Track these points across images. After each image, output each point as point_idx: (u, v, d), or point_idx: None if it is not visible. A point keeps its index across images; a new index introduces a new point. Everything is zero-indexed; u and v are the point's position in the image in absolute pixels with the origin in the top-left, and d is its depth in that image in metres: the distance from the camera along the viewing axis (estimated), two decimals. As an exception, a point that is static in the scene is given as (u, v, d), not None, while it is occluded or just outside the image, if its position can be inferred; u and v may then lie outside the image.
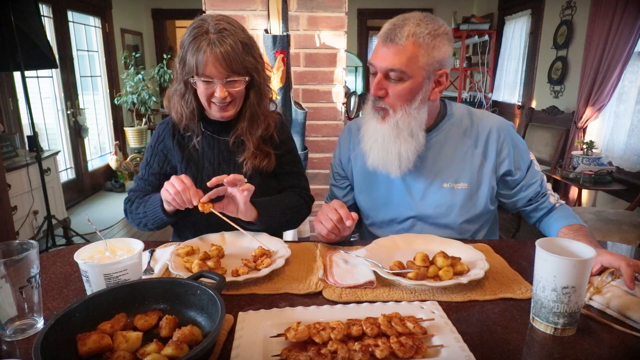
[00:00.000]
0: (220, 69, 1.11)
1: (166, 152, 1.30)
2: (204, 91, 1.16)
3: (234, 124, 1.27)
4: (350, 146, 1.34)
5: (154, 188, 1.29)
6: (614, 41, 3.06)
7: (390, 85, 1.10)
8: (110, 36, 5.26)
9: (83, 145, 4.78)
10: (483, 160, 1.21)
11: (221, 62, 1.10)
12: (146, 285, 0.79)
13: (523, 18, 4.64)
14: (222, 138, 1.29)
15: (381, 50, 1.08)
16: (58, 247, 3.28)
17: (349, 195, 1.37)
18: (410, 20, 1.06)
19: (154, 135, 1.33)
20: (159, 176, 1.29)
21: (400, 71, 1.06)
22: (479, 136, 1.21)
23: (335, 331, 0.70)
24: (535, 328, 0.77)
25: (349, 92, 4.25)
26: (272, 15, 2.20)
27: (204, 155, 1.28)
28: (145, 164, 1.32)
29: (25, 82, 2.95)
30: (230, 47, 1.10)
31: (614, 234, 2.44)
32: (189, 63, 1.12)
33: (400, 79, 1.08)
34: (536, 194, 1.23)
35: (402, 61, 1.05)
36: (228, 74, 1.13)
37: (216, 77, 1.12)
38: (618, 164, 3.18)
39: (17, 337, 0.75)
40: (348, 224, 1.08)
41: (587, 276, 0.74)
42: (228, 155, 1.29)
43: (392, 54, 1.06)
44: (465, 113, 1.24)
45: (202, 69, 1.11)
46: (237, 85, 1.16)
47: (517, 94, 4.82)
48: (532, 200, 1.24)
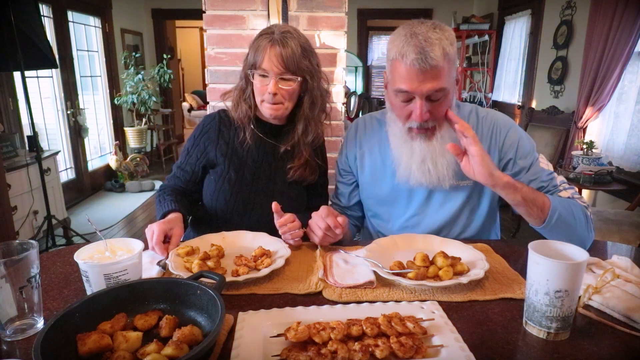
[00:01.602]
0: (276, 64, 1.18)
1: (207, 145, 1.32)
2: (259, 86, 1.22)
3: (287, 131, 1.32)
4: (358, 144, 1.34)
5: (188, 178, 1.33)
6: (614, 41, 3.06)
7: (433, 106, 1.09)
8: (110, 36, 5.26)
9: (83, 145, 4.78)
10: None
11: (278, 57, 1.18)
12: (146, 285, 0.79)
13: (523, 18, 4.64)
14: (270, 141, 1.33)
15: (417, 75, 1.03)
16: (58, 247, 3.28)
17: (354, 191, 1.38)
18: (432, 38, 1.02)
19: (198, 127, 1.36)
20: (194, 167, 1.33)
21: (442, 89, 1.06)
22: (483, 132, 1.21)
23: (335, 331, 0.70)
24: (528, 332, 0.77)
25: (349, 92, 4.25)
26: (272, 15, 2.20)
27: (249, 153, 1.31)
28: (185, 153, 1.35)
29: (25, 82, 2.94)
30: (290, 47, 1.19)
31: (614, 234, 2.44)
32: (250, 57, 1.23)
33: (442, 96, 1.08)
34: (539, 189, 1.16)
35: (443, 80, 1.05)
36: (282, 70, 1.19)
37: (271, 71, 1.19)
38: (618, 164, 3.18)
39: (17, 337, 0.75)
40: (337, 232, 1.09)
41: (581, 280, 0.73)
42: (272, 160, 1.33)
43: (433, 77, 1.03)
44: (472, 111, 1.25)
45: (260, 63, 1.19)
46: (289, 84, 1.21)
47: (517, 94, 4.82)
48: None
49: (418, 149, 1.15)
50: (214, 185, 1.30)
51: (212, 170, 1.32)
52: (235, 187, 1.29)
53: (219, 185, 1.30)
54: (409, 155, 1.17)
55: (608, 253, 1.14)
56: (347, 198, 1.38)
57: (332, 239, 1.12)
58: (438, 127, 1.13)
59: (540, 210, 1.04)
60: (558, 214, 1.04)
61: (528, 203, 1.03)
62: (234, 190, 1.29)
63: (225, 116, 1.35)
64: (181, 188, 1.33)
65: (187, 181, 1.33)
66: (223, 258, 1.04)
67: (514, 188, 1.02)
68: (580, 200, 1.14)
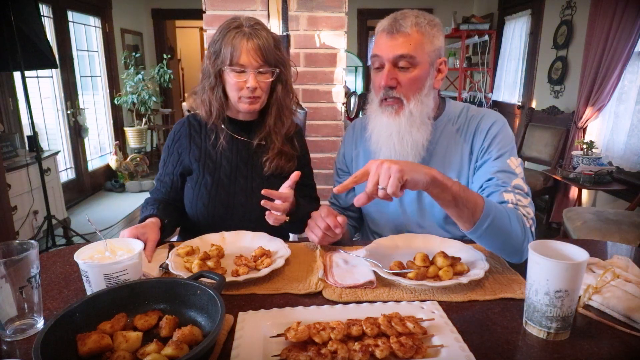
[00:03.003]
0: (254, 57, 1.16)
1: (180, 152, 1.30)
2: (235, 82, 1.19)
3: (257, 125, 1.30)
4: (354, 144, 1.35)
5: (168, 189, 1.30)
6: (614, 41, 3.06)
7: (400, 74, 1.12)
8: (110, 36, 5.26)
9: (83, 145, 4.78)
10: (470, 155, 1.19)
11: (256, 51, 1.16)
12: (146, 285, 0.79)
13: (523, 18, 4.64)
14: (242, 139, 1.30)
15: (387, 41, 1.10)
16: (58, 247, 3.28)
17: (351, 191, 1.37)
18: (408, 13, 1.12)
19: (170, 135, 1.34)
20: (172, 177, 1.31)
21: (410, 56, 1.09)
22: (468, 131, 1.20)
23: (335, 331, 0.70)
24: (528, 332, 0.77)
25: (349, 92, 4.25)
26: (272, 15, 2.20)
27: (222, 155, 1.29)
28: (162, 164, 1.34)
29: (25, 82, 2.94)
30: (264, 39, 1.17)
31: (614, 234, 2.43)
32: (223, 54, 1.18)
33: (410, 66, 1.10)
34: (487, 181, 1.11)
35: (410, 47, 1.09)
36: (261, 64, 1.17)
37: (249, 66, 1.17)
38: (618, 164, 3.18)
39: (17, 337, 0.75)
40: (337, 232, 1.09)
41: (581, 280, 0.73)
42: (247, 156, 1.30)
43: (400, 42, 1.09)
44: (463, 110, 1.23)
45: (237, 58, 1.16)
46: (266, 76, 1.20)
47: (517, 94, 4.82)
48: (482, 187, 1.12)
49: (386, 121, 1.16)
50: (192, 193, 1.28)
51: (189, 177, 1.30)
52: (212, 191, 1.26)
53: (196, 192, 1.27)
54: (379, 128, 1.18)
55: (608, 253, 1.14)
56: (344, 198, 1.38)
57: (331, 239, 1.12)
58: (406, 101, 1.13)
59: (471, 213, 0.93)
60: (491, 218, 0.93)
61: (459, 203, 0.91)
62: (211, 195, 1.26)
63: (194, 120, 1.33)
64: (165, 200, 1.30)
65: (169, 192, 1.30)
66: (223, 258, 1.04)
67: (443, 186, 0.89)
68: (524, 209, 1.04)
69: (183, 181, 1.32)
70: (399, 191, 0.84)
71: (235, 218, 1.28)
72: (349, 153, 1.36)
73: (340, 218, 1.09)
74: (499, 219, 0.95)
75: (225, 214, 1.27)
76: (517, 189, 1.07)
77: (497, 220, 0.94)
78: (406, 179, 0.85)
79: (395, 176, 0.83)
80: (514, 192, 1.06)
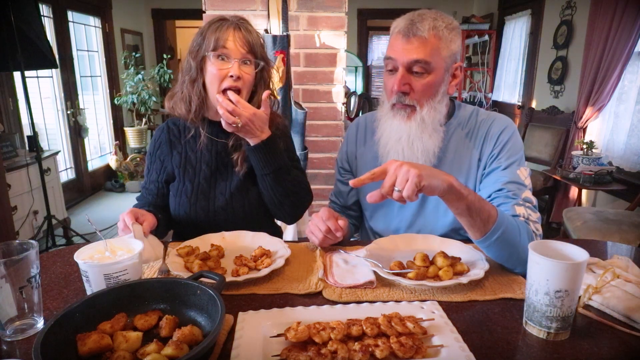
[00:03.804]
0: (241, 44, 1.16)
1: (163, 159, 1.30)
2: (216, 70, 1.16)
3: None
4: (358, 143, 1.34)
5: (155, 196, 1.30)
6: (614, 41, 3.06)
7: (414, 80, 1.09)
8: (110, 36, 5.26)
9: (83, 145, 4.78)
10: (479, 161, 1.18)
11: (242, 39, 1.16)
12: (146, 285, 0.79)
13: (523, 18, 4.64)
14: (220, 140, 1.29)
15: (402, 44, 1.07)
16: (58, 247, 3.28)
17: (352, 190, 1.37)
18: (427, 15, 1.08)
19: (151, 143, 1.33)
20: (157, 184, 1.30)
21: (425, 62, 1.06)
22: (478, 135, 1.19)
23: (335, 331, 0.70)
24: (528, 332, 0.77)
25: (349, 92, 4.25)
26: (272, 15, 2.20)
27: (201, 158, 1.28)
28: (146, 171, 1.33)
29: (25, 82, 2.95)
30: (251, 32, 1.19)
31: (614, 234, 2.43)
32: (207, 41, 1.16)
33: (424, 71, 1.08)
34: (497, 191, 1.10)
35: (426, 52, 1.06)
36: (245, 52, 1.17)
37: (234, 53, 1.16)
38: (618, 164, 3.18)
39: (17, 337, 0.75)
40: (338, 235, 1.08)
41: (581, 280, 0.73)
42: (226, 157, 1.29)
43: (416, 46, 1.05)
44: (473, 113, 1.22)
45: (223, 42, 1.15)
46: (250, 68, 1.20)
47: (517, 94, 4.82)
48: (491, 197, 1.11)
49: (397, 125, 1.14)
50: (173, 200, 1.28)
51: (171, 184, 1.29)
52: (192, 198, 1.26)
53: (178, 200, 1.27)
54: (388, 132, 1.16)
55: (608, 253, 1.14)
56: (345, 197, 1.37)
57: (331, 241, 1.12)
58: (419, 107, 1.12)
59: (483, 224, 0.93)
60: (502, 231, 0.93)
61: (472, 213, 0.91)
62: (191, 202, 1.25)
63: (173, 125, 1.32)
64: (153, 204, 1.29)
65: (155, 199, 1.30)
66: (223, 258, 1.04)
67: (459, 194, 0.89)
68: (534, 225, 1.05)
69: (167, 189, 1.31)
70: (414, 195, 0.84)
71: (218, 222, 1.26)
72: (351, 152, 1.35)
73: (341, 222, 1.08)
74: (509, 232, 0.95)
75: (206, 218, 1.26)
76: (527, 202, 1.08)
77: (507, 234, 0.94)
78: (423, 184, 0.84)
79: (413, 181, 0.82)
80: (525, 205, 1.07)
